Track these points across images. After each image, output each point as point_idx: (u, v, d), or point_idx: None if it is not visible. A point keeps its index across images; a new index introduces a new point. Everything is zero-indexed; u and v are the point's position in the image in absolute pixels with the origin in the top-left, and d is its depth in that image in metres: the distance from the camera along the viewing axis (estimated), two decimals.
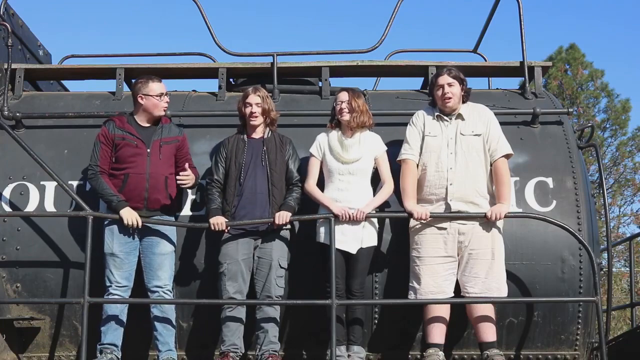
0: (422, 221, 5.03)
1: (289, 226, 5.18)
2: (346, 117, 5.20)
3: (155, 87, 5.22)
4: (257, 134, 5.30)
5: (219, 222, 5.02)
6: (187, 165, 5.17)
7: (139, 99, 5.22)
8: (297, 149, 5.38)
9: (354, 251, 5.07)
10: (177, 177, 5.14)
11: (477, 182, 5.10)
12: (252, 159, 5.19)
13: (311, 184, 5.22)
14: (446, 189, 5.07)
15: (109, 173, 5.14)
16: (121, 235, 5.07)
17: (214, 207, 5.11)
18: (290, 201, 5.15)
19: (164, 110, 5.26)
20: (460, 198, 5.05)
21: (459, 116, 5.23)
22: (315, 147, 5.28)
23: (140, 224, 5.00)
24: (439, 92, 5.21)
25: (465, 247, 5.04)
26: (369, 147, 5.23)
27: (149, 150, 5.12)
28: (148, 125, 5.25)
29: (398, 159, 5.23)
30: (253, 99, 5.23)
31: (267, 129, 5.32)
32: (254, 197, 5.12)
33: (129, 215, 4.98)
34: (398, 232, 5.36)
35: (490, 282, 4.98)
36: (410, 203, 5.08)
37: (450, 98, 5.17)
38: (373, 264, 5.27)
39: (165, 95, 5.25)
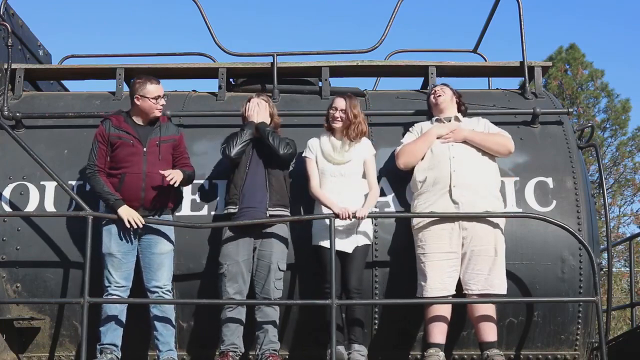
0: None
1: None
2: (338, 125, 5.23)
3: (152, 89, 5.14)
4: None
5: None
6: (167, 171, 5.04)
7: (135, 100, 5.16)
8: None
9: (350, 250, 5.08)
10: (165, 177, 5.01)
11: (478, 172, 5.16)
12: (252, 156, 5.22)
13: (314, 186, 5.23)
14: (450, 175, 5.10)
15: (108, 173, 5.12)
16: (119, 235, 5.07)
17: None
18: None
19: (159, 112, 5.22)
20: (463, 184, 5.08)
21: (456, 119, 5.38)
22: (307, 150, 5.32)
23: (141, 222, 4.99)
24: (432, 96, 5.44)
25: (468, 243, 5.05)
26: (359, 150, 5.27)
27: (145, 149, 5.11)
28: (145, 124, 5.22)
29: (395, 150, 5.35)
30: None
31: None
32: (255, 188, 5.15)
33: (127, 214, 4.98)
34: (398, 232, 5.36)
35: (492, 279, 5.00)
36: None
37: (440, 95, 5.36)
38: (373, 264, 5.27)
39: (162, 97, 5.20)
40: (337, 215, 4.96)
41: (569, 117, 6.12)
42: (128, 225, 4.97)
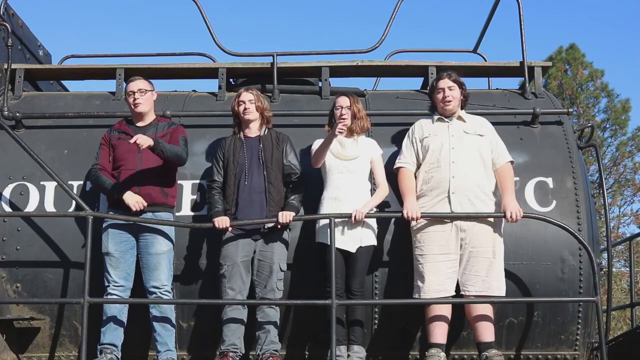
0: (412, 220, 5.04)
1: (290, 226, 5.19)
2: (346, 122, 5.22)
3: (128, 86, 5.33)
4: (254, 133, 5.31)
5: (222, 221, 5.03)
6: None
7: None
8: (296, 149, 5.39)
9: (353, 250, 5.08)
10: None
11: (478, 178, 5.12)
12: (250, 158, 5.20)
13: (315, 145, 5.26)
14: (449, 181, 5.08)
15: (110, 173, 5.20)
16: (116, 234, 5.11)
17: (217, 210, 5.12)
18: (294, 201, 5.16)
19: (138, 108, 5.25)
20: (462, 191, 5.07)
21: (460, 118, 5.31)
22: (315, 145, 5.31)
23: (144, 204, 5.03)
24: (440, 96, 5.28)
25: (466, 245, 5.05)
26: (365, 148, 5.29)
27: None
28: (144, 125, 5.31)
29: (394, 167, 5.31)
30: (246, 96, 5.28)
31: (264, 127, 5.33)
32: (252, 197, 5.13)
33: (132, 199, 5.02)
34: (398, 232, 5.36)
35: (490, 281, 4.99)
36: (408, 201, 5.10)
37: (450, 101, 5.25)
38: (373, 264, 5.27)
39: (138, 92, 5.24)
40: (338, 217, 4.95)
41: (569, 117, 6.11)
42: (134, 208, 4.99)
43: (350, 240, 5.09)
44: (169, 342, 5.08)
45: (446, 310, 5.02)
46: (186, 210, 5.49)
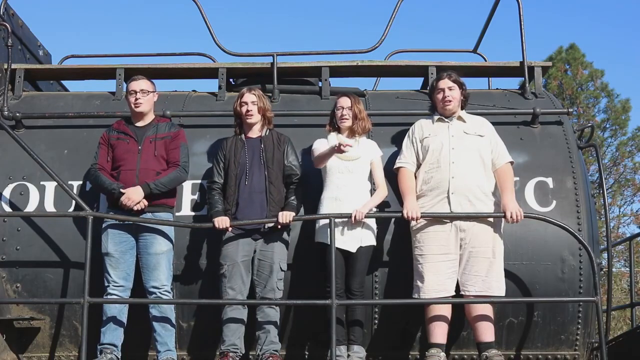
0: (412, 220, 5.04)
1: (290, 226, 5.19)
2: (347, 123, 5.22)
3: (129, 85, 5.34)
4: (255, 133, 5.31)
5: (222, 221, 5.03)
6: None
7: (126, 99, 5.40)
8: (296, 149, 5.39)
9: (353, 250, 5.08)
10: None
11: (478, 178, 5.12)
12: (251, 158, 5.20)
13: (317, 148, 5.25)
14: (448, 182, 5.08)
15: (109, 173, 5.19)
16: (116, 234, 5.11)
17: (217, 210, 5.12)
18: (293, 201, 5.16)
19: (138, 107, 5.25)
20: (462, 192, 5.07)
21: (460, 119, 5.31)
22: (316, 144, 5.31)
23: (143, 204, 5.03)
24: (440, 96, 5.28)
25: (466, 245, 5.05)
26: (366, 149, 5.29)
27: (140, 147, 5.17)
28: (143, 125, 5.31)
29: (394, 167, 5.32)
30: (248, 97, 5.27)
31: (265, 128, 5.33)
32: (253, 197, 5.13)
33: (135, 197, 5.01)
34: (398, 232, 5.36)
35: (490, 281, 4.99)
36: (408, 201, 5.10)
37: (450, 101, 5.25)
38: (373, 264, 5.27)
39: (140, 92, 5.25)
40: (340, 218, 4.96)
41: (569, 117, 6.12)
42: (136, 208, 4.99)
43: (350, 240, 5.09)
44: (169, 342, 5.08)
45: (446, 310, 5.02)
46: (186, 210, 5.49)
